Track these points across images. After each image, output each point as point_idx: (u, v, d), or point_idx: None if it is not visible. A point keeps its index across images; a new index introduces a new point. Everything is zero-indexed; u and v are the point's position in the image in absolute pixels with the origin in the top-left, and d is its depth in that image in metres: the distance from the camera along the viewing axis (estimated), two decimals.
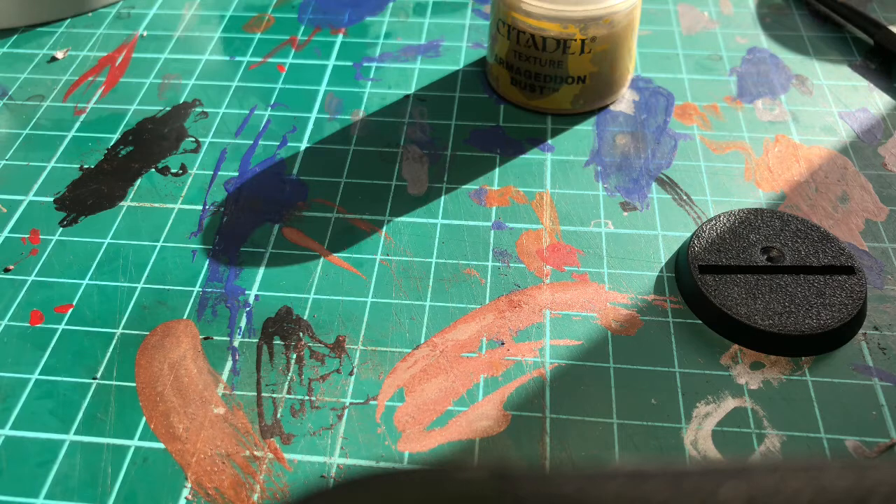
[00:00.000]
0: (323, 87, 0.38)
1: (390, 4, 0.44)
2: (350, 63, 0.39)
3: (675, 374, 0.26)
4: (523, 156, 0.34)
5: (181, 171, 0.34)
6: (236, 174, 0.34)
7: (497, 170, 0.33)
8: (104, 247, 0.31)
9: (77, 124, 0.36)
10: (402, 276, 0.29)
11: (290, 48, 0.40)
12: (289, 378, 0.26)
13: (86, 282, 0.29)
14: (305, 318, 0.28)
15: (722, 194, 0.32)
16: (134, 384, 0.26)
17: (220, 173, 0.34)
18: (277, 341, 0.27)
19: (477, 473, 0.11)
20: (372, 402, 0.26)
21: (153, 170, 0.34)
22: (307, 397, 0.26)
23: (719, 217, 0.30)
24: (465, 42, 0.41)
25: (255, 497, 0.23)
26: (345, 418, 0.25)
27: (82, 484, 0.24)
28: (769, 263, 0.28)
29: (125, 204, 0.32)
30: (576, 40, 0.33)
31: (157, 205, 0.32)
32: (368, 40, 0.41)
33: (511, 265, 0.29)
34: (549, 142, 0.35)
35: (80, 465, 0.24)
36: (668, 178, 0.33)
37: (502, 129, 0.35)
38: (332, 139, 0.35)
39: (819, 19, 0.41)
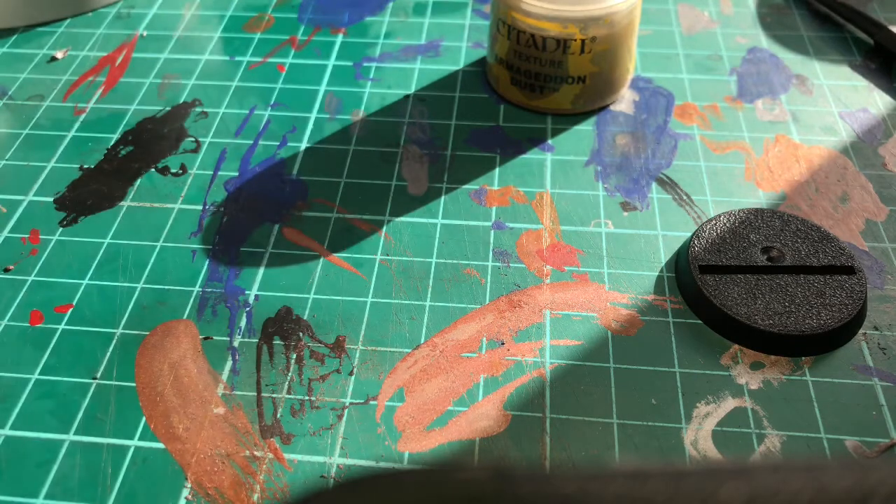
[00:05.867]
0: (323, 87, 0.38)
1: (390, 4, 0.44)
2: (350, 63, 0.39)
3: (676, 374, 0.26)
4: (523, 156, 0.34)
5: (181, 171, 0.34)
6: (236, 174, 0.34)
7: (497, 170, 0.33)
8: (104, 247, 0.31)
9: (77, 124, 0.36)
10: (402, 276, 0.29)
11: (289, 48, 0.40)
12: (289, 378, 0.26)
13: (86, 282, 0.29)
14: (305, 318, 0.28)
15: (722, 194, 0.32)
16: (134, 384, 0.26)
17: (220, 173, 0.34)
18: (277, 341, 0.27)
19: (477, 473, 0.11)
20: (372, 402, 0.26)
21: (153, 170, 0.34)
22: (307, 397, 0.26)
23: (719, 217, 0.30)
24: (465, 42, 0.41)
25: (255, 497, 0.23)
26: (345, 418, 0.25)
27: (82, 484, 0.24)
28: (769, 263, 0.28)
29: (125, 204, 0.32)
30: (576, 40, 0.33)
31: (157, 205, 0.32)
32: (368, 40, 0.41)
33: (511, 265, 0.29)
34: (549, 142, 0.35)
35: (80, 465, 0.24)
36: (669, 178, 0.33)
37: (502, 129, 0.35)
38: (332, 139, 0.35)
39: (819, 19, 0.41)
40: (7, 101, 0.38)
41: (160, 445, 0.25)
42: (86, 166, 0.34)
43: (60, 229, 0.31)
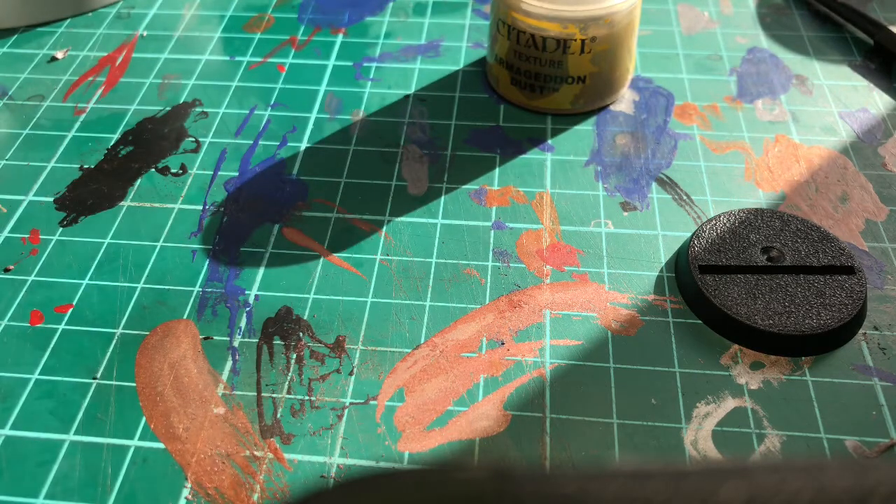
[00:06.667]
0: (323, 87, 0.38)
1: (390, 4, 0.44)
2: (350, 63, 0.39)
3: (675, 374, 0.26)
4: (523, 156, 0.34)
5: (181, 171, 0.34)
6: (236, 174, 0.34)
7: (497, 170, 0.33)
8: (104, 247, 0.31)
9: (77, 124, 0.36)
10: (402, 276, 0.29)
11: (290, 48, 0.40)
12: (289, 378, 0.26)
13: (86, 282, 0.29)
14: (305, 318, 0.28)
15: (722, 194, 0.32)
16: (134, 384, 0.26)
17: (220, 173, 0.34)
18: (277, 341, 0.27)
19: (477, 473, 0.11)
20: (372, 402, 0.26)
21: (153, 170, 0.34)
22: (307, 397, 0.26)
23: (719, 217, 0.30)
24: (465, 42, 0.41)
25: (255, 497, 0.23)
26: (345, 418, 0.25)
27: (82, 484, 0.24)
28: (769, 263, 0.28)
29: (125, 204, 0.32)
30: (576, 40, 0.33)
31: (157, 205, 0.32)
32: (368, 40, 0.41)
33: (511, 265, 0.29)
34: (549, 142, 0.35)
35: (80, 465, 0.24)
36: (668, 178, 0.33)
37: (502, 129, 0.35)
38: (332, 139, 0.35)
39: (819, 19, 0.41)
40: (7, 101, 0.38)
41: (160, 445, 0.25)
42: (86, 166, 0.34)
43: (60, 229, 0.31)
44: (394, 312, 0.28)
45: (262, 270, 0.30)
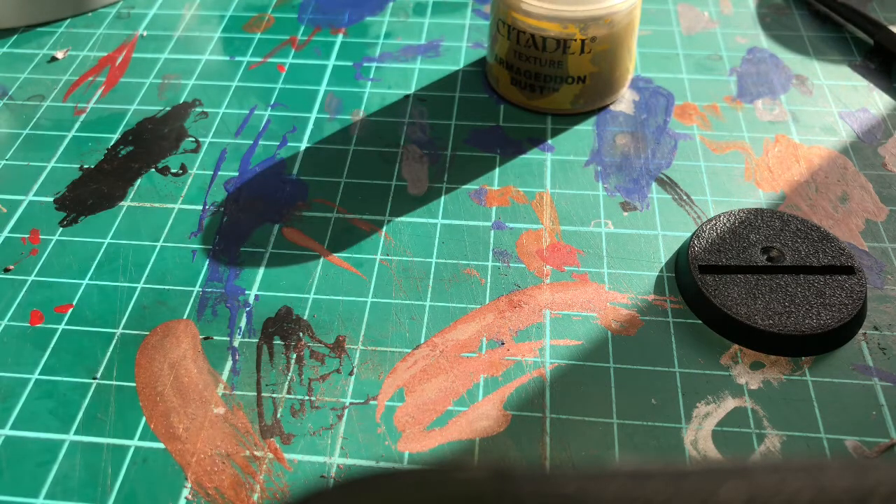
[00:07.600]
0: (323, 87, 0.38)
1: (390, 4, 0.44)
2: (350, 63, 0.39)
3: (675, 374, 0.26)
4: (523, 156, 0.34)
5: (181, 171, 0.34)
6: (236, 174, 0.34)
7: (497, 170, 0.33)
8: (104, 247, 0.31)
9: (77, 124, 0.36)
10: (402, 276, 0.29)
11: (290, 48, 0.40)
12: (289, 378, 0.26)
13: (86, 282, 0.29)
14: (305, 318, 0.28)
15: (722, 194, 0.32)
16: (134, 384, 0.26)
17: (220, 173, 0.34)
18: (277, 341, 0.27)
19: (477, 473, 0.11)
20: (372, 402, 0.26)
21: (153, 170, 0.34)
22: (307, 397, 0.26)
23: (719, 217, 0.30)
24: (465, 42, 0.41)
25: (255, 497, 0.23)
26: (345, 418, 0.25)
27: (82, 484, 0.24)
28: (769, 263, 0.28)
29: (125, 204, 0.32)
30: (576, 40, 0.33)
31: (157, 205, 0.32)
32: (368, 40, 0.41)
33: (511, 265, 0.29)
34: (549, 142, 0.35)
35: (80, 465, 0.24)
36: (668, 178, 0.33)
37: (502, 129, 0.35)
38: (332, 139, 0.35)
39: (819, 19, 0.41)
40: (7, 101, 0.38)
41: (160, 445, 0.25)
42: (86, 166, 0.34)
43: (60, 229, 0.31)
44: (394, 312, 0.28)
45: (262, 270, 0.30)
